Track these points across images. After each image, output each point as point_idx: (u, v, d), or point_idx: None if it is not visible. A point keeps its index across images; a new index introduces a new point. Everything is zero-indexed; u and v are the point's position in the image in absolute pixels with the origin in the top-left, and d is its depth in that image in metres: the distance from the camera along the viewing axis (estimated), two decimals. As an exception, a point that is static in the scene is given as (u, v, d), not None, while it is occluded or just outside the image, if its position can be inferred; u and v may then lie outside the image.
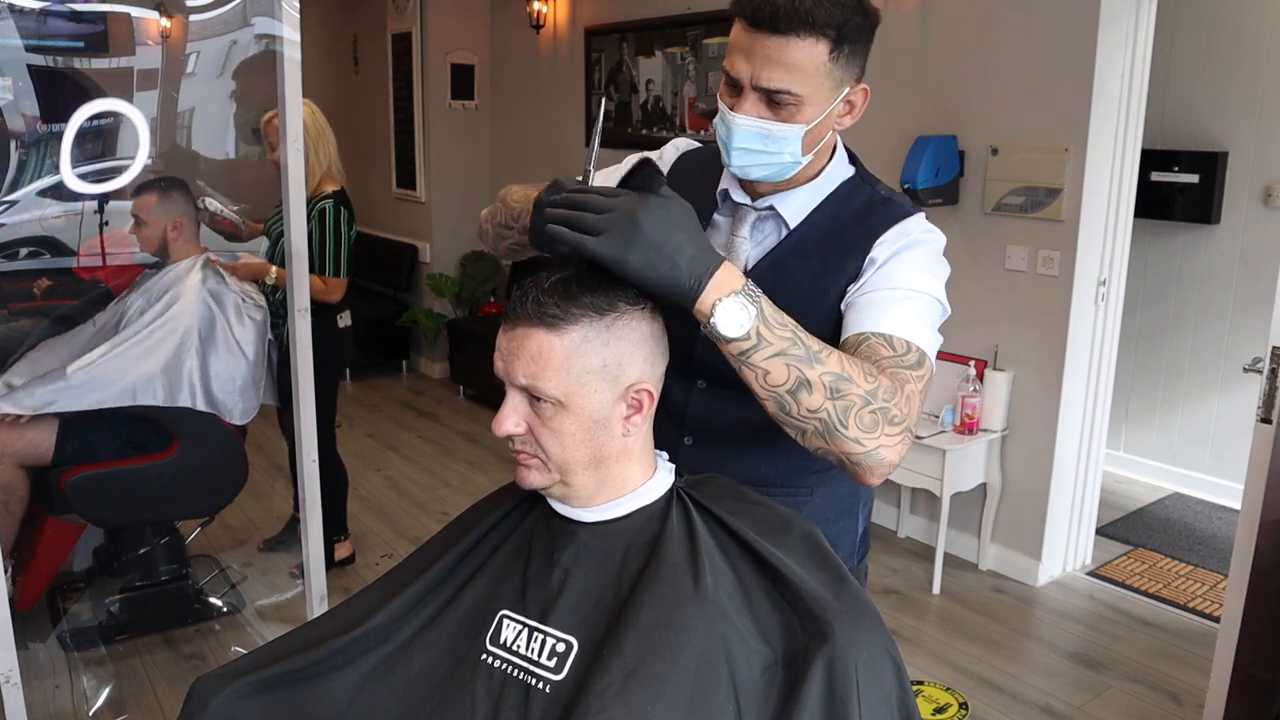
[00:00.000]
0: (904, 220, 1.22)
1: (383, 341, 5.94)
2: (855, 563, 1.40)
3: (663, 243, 0.97)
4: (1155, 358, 4.19)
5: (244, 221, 3.10)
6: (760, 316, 0.99)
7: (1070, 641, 3.02)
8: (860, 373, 1.02)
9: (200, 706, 1.07)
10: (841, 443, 1.01)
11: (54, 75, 2.79)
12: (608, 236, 0.96)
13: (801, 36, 1.10)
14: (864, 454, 1.02)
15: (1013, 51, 3.16)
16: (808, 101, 1.14)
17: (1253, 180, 3.79)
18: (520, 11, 5.30)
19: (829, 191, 1.26)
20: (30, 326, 2.86)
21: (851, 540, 1.38)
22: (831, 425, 1.01)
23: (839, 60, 1.14)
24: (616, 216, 0.97)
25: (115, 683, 2.70)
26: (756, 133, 1.16)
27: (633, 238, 0.96)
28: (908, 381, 1.07)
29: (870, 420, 1.01)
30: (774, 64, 1.11)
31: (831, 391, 1.00)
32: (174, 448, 2.68)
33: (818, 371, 1.00)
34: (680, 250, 0.98)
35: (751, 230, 1.28)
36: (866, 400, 1.01)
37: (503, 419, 1.04)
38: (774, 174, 1.22)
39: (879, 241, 1.20)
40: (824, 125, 1.18)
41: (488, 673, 1.04)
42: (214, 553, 3.44)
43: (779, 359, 1.00)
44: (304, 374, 2.14)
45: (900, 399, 1.04)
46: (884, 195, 1.27)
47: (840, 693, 0.95)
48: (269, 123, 3.02)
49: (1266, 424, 2.02)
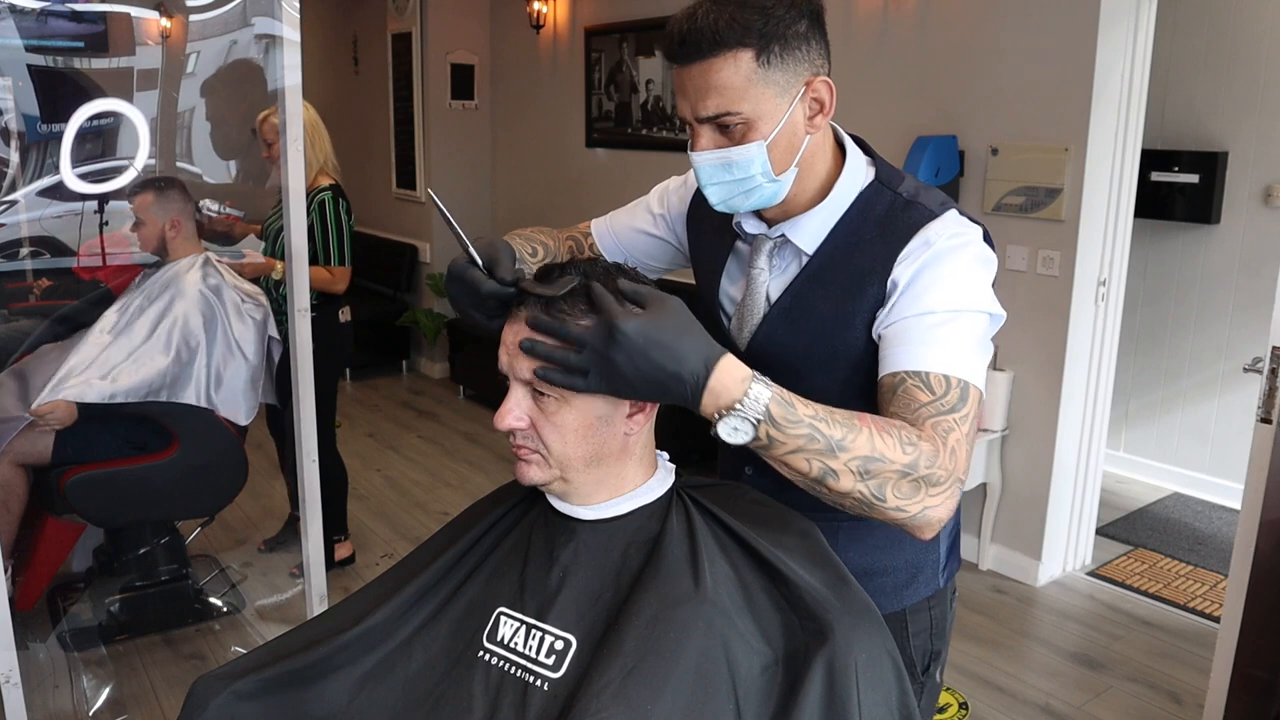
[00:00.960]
0: (926, 227, 1.12)
1: (383, 341, 5.94)
2: (941, 584, 1.33)
3: (643, 371, 0.93)
4: (1155, 358, 4.19)
5: (235, 222, 3.12)
6: (768, 421, 0.94)
7: (1070, 641, 3.02)
8: (896, 445, 0.97)
9: (200, 706, 1.07)
10: (883, 513, 0.99)
11: (54, 75, 2.79)
12: (594, 375, 0.95)
13: (720, 55, 1.05)
14: (909, 518, 0.99)
15: (1013, 51, 3.16)
16: (755, 116, 1.08)
17: (1253, 180, 3.79)
18: (520, 11, 5.30)
19: (846, 206, 1.18)
20: (30, 327, 2.86)
21: (934, 560, 1.32)
22: (868, 501, 0.98)
23: (771, 64, 1.07)
24: (591, 356, 0.94)
25: (115, 683, 2.70)
26: (718, 164, 1.11)
27: (613, 375, 0.93)
28: (951, 430, 1.02)
29: (910, 488, 0.97)
30: (704, 91, 1.08)
31: (861, 475, 0.96)
32: (174, 448, 2.68)
33: (843, 460, 0.95)
34: (662, 373, 0.93)
35: (770, 260, 1.22)
36: (905, 473, 0.97)
37: (505, 413, 1.04)
38: (761, 200, 1.15)
39: (900, 260, 1.11)
40: (788, 134, 1.11)
41: (485, 670, 1.04)
42: (214, 553, 3.44)
43: (797, 455, 0.96)
44: (304, 373, 2.14)
45: (944, 458, 0.99)
46: (906, 198, 1.16)
47: (840, 693, 0.95)
48: (265, 121, 3.03)
49: (1266, 424, 2.01)
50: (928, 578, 1.31)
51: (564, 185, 5.24)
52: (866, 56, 3.59)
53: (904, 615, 1.30)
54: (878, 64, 3.56)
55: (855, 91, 3.65)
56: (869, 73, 3.59)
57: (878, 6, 3.53)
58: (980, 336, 1.11)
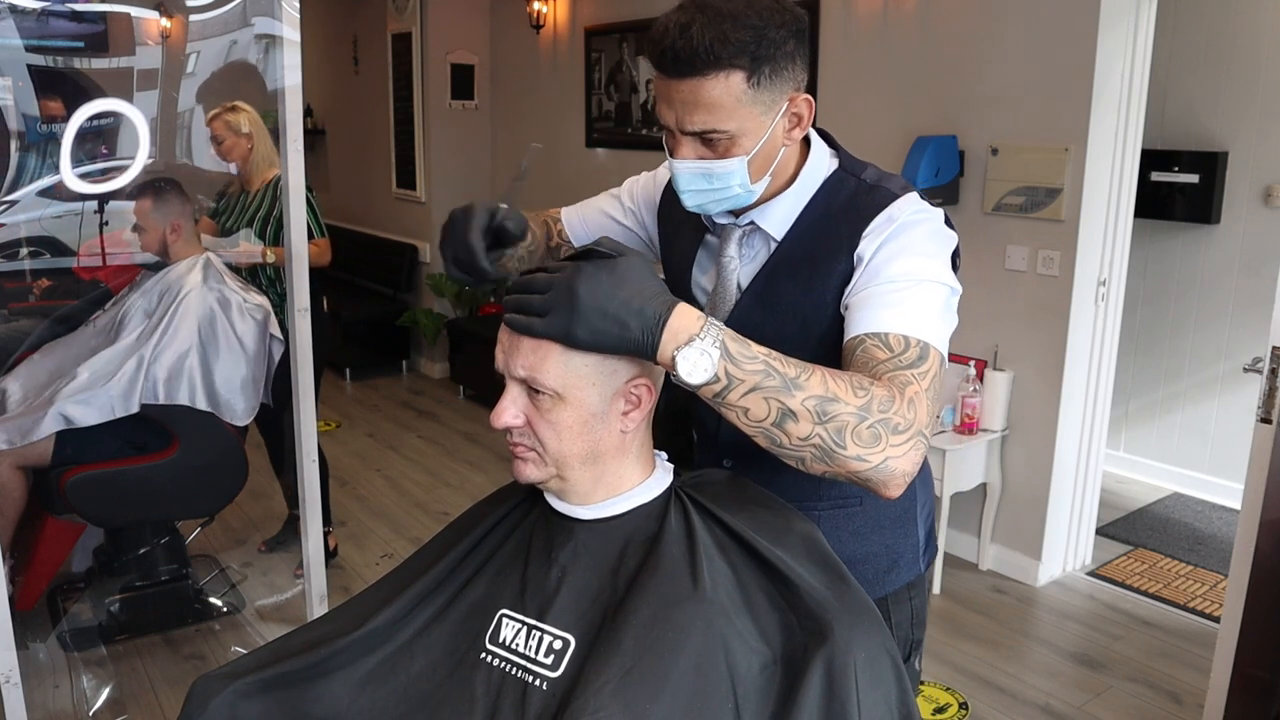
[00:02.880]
0: (890, 205, 1.16)
1: (383, 341, 5.94)
2: (922, 568, 1.35)
3: (605, 307, 0.94)
4: (1155, 357, 4.19)
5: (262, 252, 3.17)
6: (725, 356, 0.94)
7: (1070, 641, 3.02)
8: (848, 388, 0.96)
9: (200, 706, 1.07)
10: (844, 463, 0.96)
11: (54, 75, 2.79)
12: (552, 315, 0.95)
13: (712, 75, 1.06)
14: (871, 469, 0.96)
15: (1013, 51, 3.16)
16: (740, 133, 1.10)
17: (1253, 180, 3.79)
18: (520, 11, 5.30)
19: (812, 193, 1.21)
20: (30, 327, 2.87)
21: (914, 545, 1.34)
22: (828, 449, 0.96)
23: (760, 84, 1.08)
24: (556, 294, 0.95)
25: (115, 683, 2.70)
26: (698, 174, 1.14)
27: (574, 310, 0.94)
28: (909, 383, 1.00)
29: (870, 435, 0.96)
30: (693, 107, 1.08)
31: (818, 415, 0.95)
32: (174, 448, 2.68)
33: (799, 398, 0.95)
34: (625, 308, 0.94)
35: (739, 247, 1.25)
36: (861, 416, 0.95)
37: (501, 411, 1.05)
38: (735, 204, 1.18)
39: (865, 234, 1.14)
40: (768, 148, 1.14)
41: (487, 671, 1.04)
42: (214, 553, 3.44)
43: (755, 394, 0.95)
44: (304, 373, 2.14)
45: (901, 405, 0.97)
46: (870, 182, 1.20)
47: (839, 692, 0.95)
48: (215, 119, 3.12)
49: (1266, 424, 2.02)
50: (908, 563, 1.34)
51: (564, 185, 5.24)
52: (866, 56, 3.59)
53: (886, 605, 1.32)
54: (878, 64, 3.56)
55: (855, 91, 3.66)
56: (869, 73, 3.59)
57: (878, 6, 3.53)
58: (941, 306, 1.11)
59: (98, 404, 2.52)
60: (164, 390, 2.59)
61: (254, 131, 3.14)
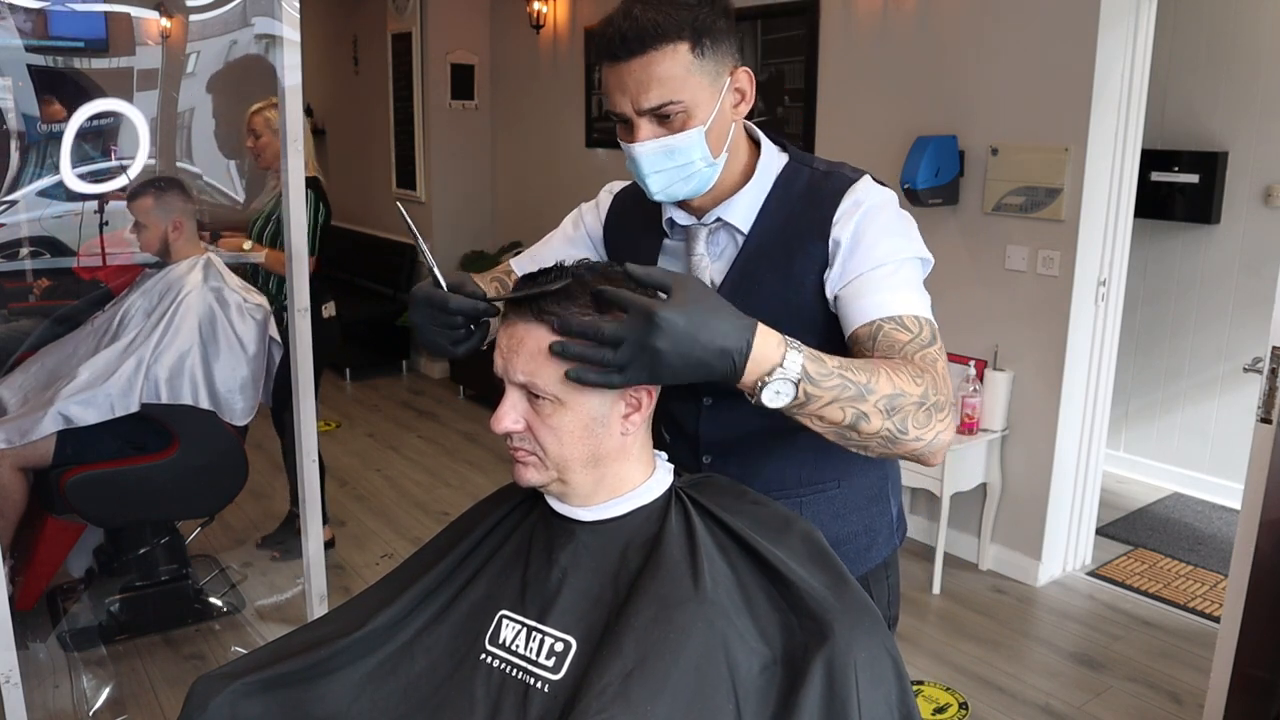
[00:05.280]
0: (851, 189, 1.22)
1: (383, 341, 5.94)
2: (897, 543, 1.42)
3: (687, 355, 0.94)
4: (1155, 357, 4.19)
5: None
6: (806, 378, 0.98)
7: (1070, 641, 3.02)
8: (909, 379, 1.04)
9: (200, 706, 1.07)
10: (904, 445, 1.05)
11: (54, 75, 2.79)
12: (631, 370, 0.95)
13: (660, 48, 1.12)
14: (925, 446, 1.06)
15: (1013, 51, 3.16)
16: (693, 104, 1.15)
17: (1253, 180, 3.79)
18: (520, 11, 5.30)
19: (770, 185, 1.26)
20: (30, 327, 2.87)
21: (889, 523, 1.39)
22: (893, 437, 1.04)
23: (704, 54, 1.14)
24: (632, 351, 0.94)
25: (115, 683, 2.70)
26: (660, 152, 1.17)
27: (656, 363, 0.93)
28: (936, 360, 1.10)
29: (924, 417, 1.04)
30: (646, 83, 1.13)
31: (888, 412, 1.02)
32: (174, 448, 2.68)
33: (872, 401, 1.01)
34: (707, 351, 0.94)
35: (707, 246, 1.28)
36: (920, 403, 1.04)
37: (501, 416, 1.05)
38: (698, 185, 1.21)
39: (835, 220, 1.20)
40: (720, 120, 1.19)
41: (487, 672, 1.04)
42: (214, 553, 3.44)
43: (833, 405, 1.01)
44: (304, 373, 2.14)
45: (940, 384, 1.07)
46: (823, 171, 1.26)
47: (840, 692, 0.95)
48: (258, 114, 3.05)
49: (1266, 424, 2.01)
50: (885, 539, 1.39)
51: (564, 185, 5.24)
52: (866, 56, 3.59)
53: (867, 583, 1.35)
54: (878, 64, 3.56)
55: (855, 91, 3.66)
56: (869, 73, 3.59)
57: (878, 6, 3.53)
58: (922, 279, 1.20)
59: (97, 404, 2.52)
60: (166, 390, 2.59)
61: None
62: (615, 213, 1.41)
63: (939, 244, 3.45)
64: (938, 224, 3.36)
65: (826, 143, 3.77)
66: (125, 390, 2.54)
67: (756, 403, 0.99)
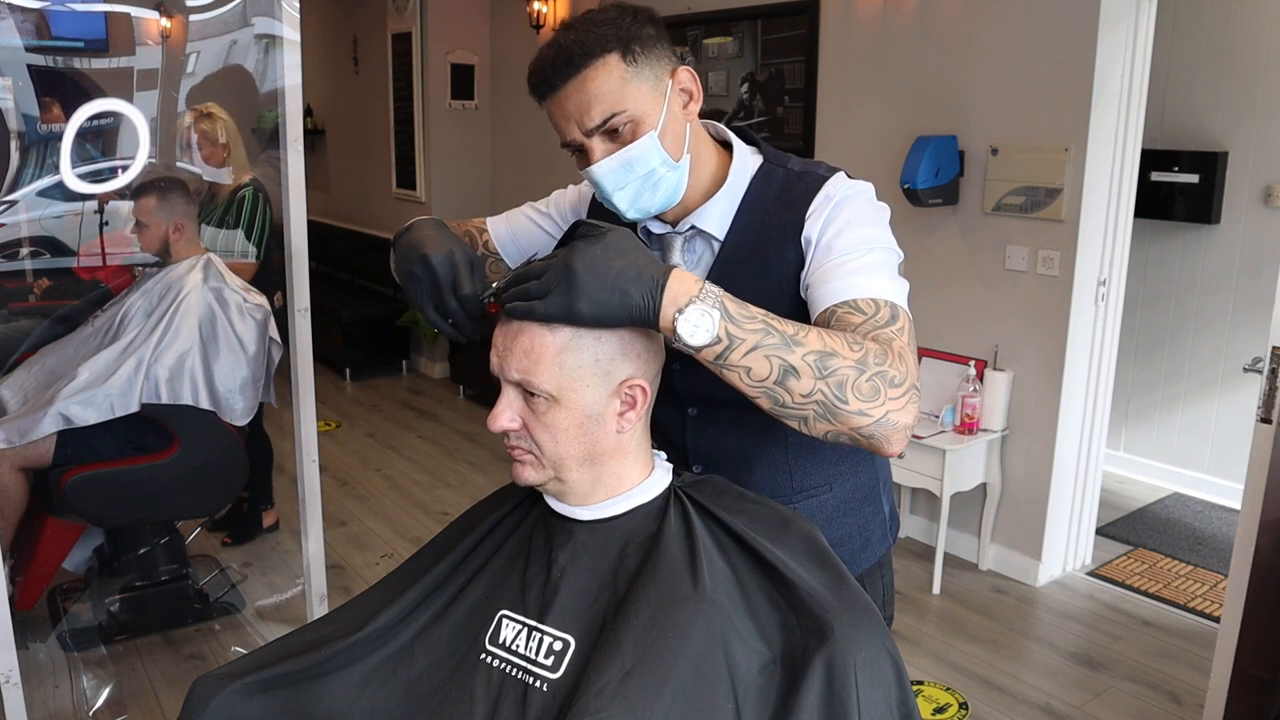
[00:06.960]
0: (823, 186, 1.20)
1: (383, 341, 5.94)
2: (891, 541, 1.41)
3: (604, 277, 0.96)
4: (1155, 357, 4.19)
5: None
6: (725, 316, 0.96)
7: (1070, 641, 3.02)
8: (844, 343, 0.99)
9: (200, 706, 1.07)
10: (847, 419, 0.97)
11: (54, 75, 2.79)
12: (553, 295, 0.96)
13: (590, 64, 1.12)
14: (874, 424, 0.98)
15: (1013, 51, 3.16)
16: (638, 112, 1.15)
17: (1253, 180, 3.79)
18: (520, 11, 5.30)
19: (744, 190, 1.25)
20: (30, 327, 2.87)
21: (881, 523, 1.39)
22: (830, 405, 0.97)
23: (637, 61, 1.14)
24: (553, 275, 0.97)
25: (115, 683, 2.70)
26: (620, 167, 1.16)
27: (573, 286, 0.95)
28: (893, 339, 1.03)
29: (870, 389, 0.97)
30: (586, 103, 1.14)
31: (819, 371, 0.97)
32: (174, 448, 2.68)
33: (799, 354, 0.97)
34: (623, 276, 0.96)
35: (683, 255, 1.27)
36: (859, 369, 0.97)
37: (497, 414, 1.05)
38: (667, 194, 1.20)
39: (808, 217, 1.19)
40: (672, 122, 1.18)
41: (487, 672, 1.04)
42: (214, 553, 3.44)
43: (756, 353, 0.96)
44: (304, 373, 2.14)
45: (893, 358, 1.00)
46: (798, 171, 1.24)
47: (839, 692, 0.95)
48: (193, 129, 3.10)
49: (1266, 424, 2.02)
50: (879, 539, 1.39)
51: (564, 185, 5.24)
52: (866, 56, 3.59)
53: (862, 583, 1.33)
54: (878, 64, 3.56)
55: (855, 91, 3.66)
56: (869, 73, 3.59)
57: (877, 7, 3.53)
58: (893, 268, 1.15)
59: (97, 404, 2.52)
60: (166, 390, 2.59)
61: (230, 141, 3.16)
62: (596, 210, 1.41)
63: (939, 244, 3.46)
64: (938, 224, 3.36)
65: (826, 143, 3.77)
66: (125, 390, 2.54)
67: (678, 342, 0.97)
